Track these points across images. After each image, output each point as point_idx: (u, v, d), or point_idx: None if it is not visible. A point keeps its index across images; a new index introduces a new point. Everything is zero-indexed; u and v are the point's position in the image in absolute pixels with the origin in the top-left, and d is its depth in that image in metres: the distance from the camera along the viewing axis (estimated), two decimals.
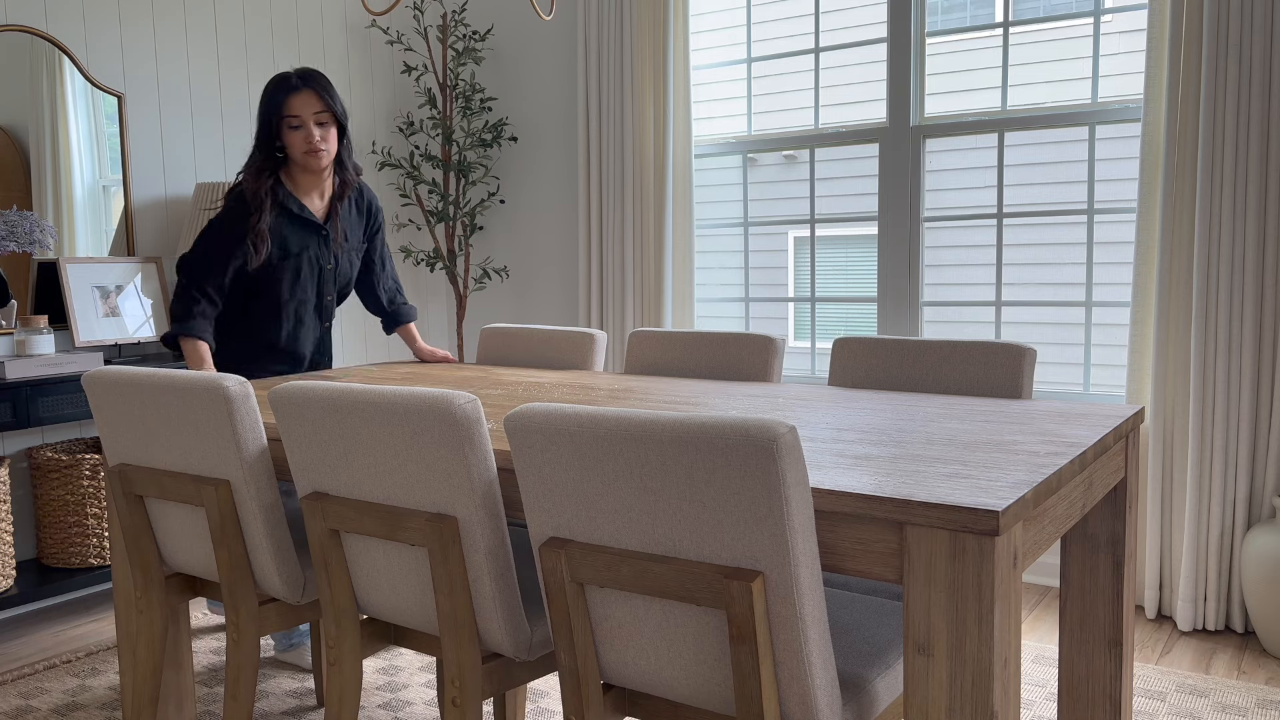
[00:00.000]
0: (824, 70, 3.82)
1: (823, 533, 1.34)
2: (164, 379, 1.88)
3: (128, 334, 3.44)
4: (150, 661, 2.06)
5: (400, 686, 2.65)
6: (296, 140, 2.56)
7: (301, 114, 2.55)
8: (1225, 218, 2.82)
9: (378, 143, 4.40)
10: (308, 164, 2.59)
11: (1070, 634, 1.95)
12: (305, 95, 2.55)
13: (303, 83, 2.56)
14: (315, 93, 2.55)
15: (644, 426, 1.29)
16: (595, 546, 1.38)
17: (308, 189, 2.67)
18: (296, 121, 2.55)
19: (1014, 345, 2.18)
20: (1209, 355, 2.86)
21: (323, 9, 4.15)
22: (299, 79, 2.57)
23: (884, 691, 1.46)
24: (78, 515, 3.15)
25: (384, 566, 1.67)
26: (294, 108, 2.55)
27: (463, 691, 1.59)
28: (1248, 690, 2.53)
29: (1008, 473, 1.38)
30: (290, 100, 2.55)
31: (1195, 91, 2.87)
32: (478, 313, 4.66)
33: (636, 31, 3.84)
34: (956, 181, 3.67)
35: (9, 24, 3.21)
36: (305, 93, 2.55)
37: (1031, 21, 3.47)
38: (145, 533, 2.05)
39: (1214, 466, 2.86)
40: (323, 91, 2.57)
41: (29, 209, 3.27)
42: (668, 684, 1.39)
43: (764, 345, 2.48)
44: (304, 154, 2.57)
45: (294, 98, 2.55)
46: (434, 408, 1.50)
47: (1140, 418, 1.88)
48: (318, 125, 2.57)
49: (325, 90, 2.58)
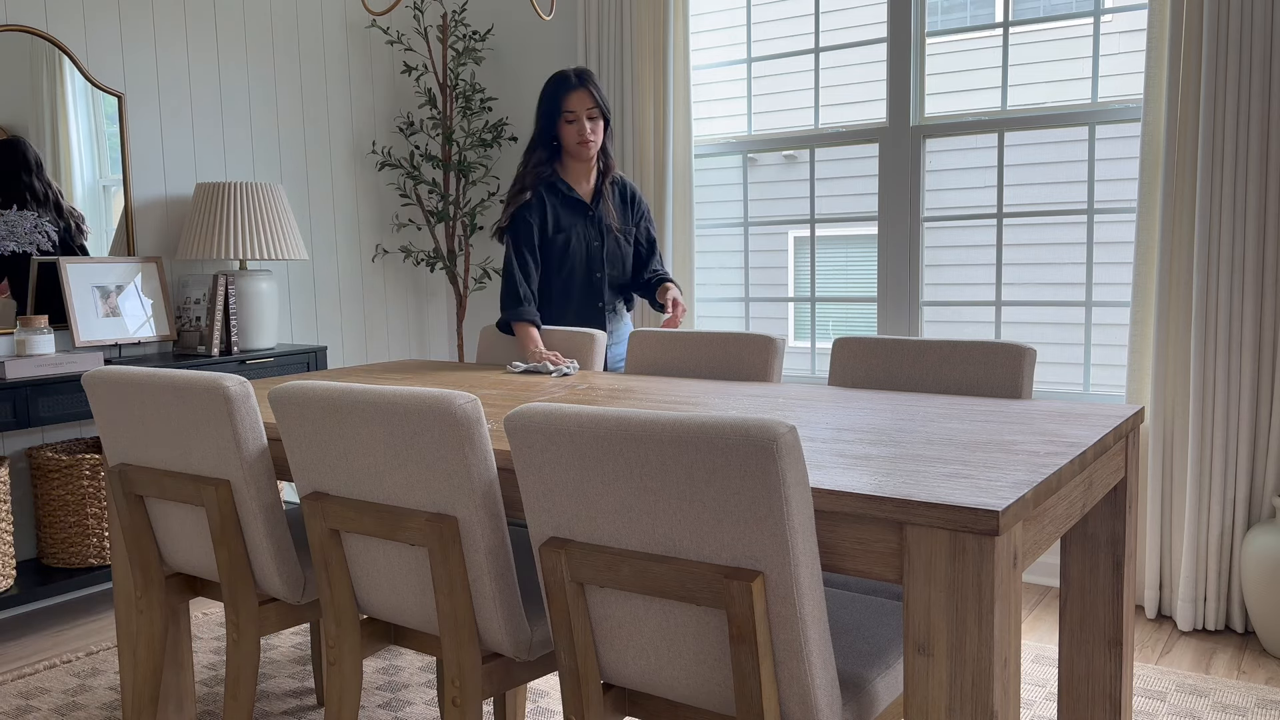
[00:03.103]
0: (824, 70, 3.82)
1: (823, 533, 1.34)
2: (164, 379, 1.88)
3: (128, 334, 3.44)
4: (150, 661, 2.06)
5: (400, 686, 2.65)
6: (571, 133, 2.90)
7: (576, 110, 2.88)
8: (1225, 218, 2.82)
9: (378, 143, 4.40)
10: (579, 154, 2.92)
11: (1070, 634, 1.95)
12: (580, 93, 2.87)
13: (579, 82, 2.88)
14: (589, 91, 2.88)
15: (644, 426, 1.29)
16: (595, 546, 1.38)
17: (577, 176, 3.00)
18: (572, 116, 2.88)
19: (1014, 345, 2.18)
20: (1209, 355, 2.86)
21: (323, 9, 4.15)
22: (576, 78, 2.88)
23: (884, 691, 1.46)
24: (78, 515, 3.15)
25: (384, 566, 1.67)
26: (571, 104, 2.88)
27: (463, 691, 1.59)
28: (1248, 690, 2.53)
29: (1008, 473, 1.38)
30: (568, 97, 2.88)
31: (1195, 91, 2.87)
32: (478, 313, 4.66)
33: (636, 32, 3.84)
34: (956, 181, 3.67)
35: (9, 24, 3.21)
36: (581, 91, 2.87)
37: (1031, 21, 3.47)
38: (145, 533, 2.05)
39: (1214, 466, 2.86)
40: (595, 90, 2.89)
41: (29, 209, 3.27)
42: (668, 684, 1.39)
43: (764, 345, 2.48)
44: (576, 144, 2.90)
45: (571, 95, 2.87)
46: (434, 408, 1.50)
47: (1140, 418, 1.88)
48: (589, 120, 2.89)
49: (596, 88, 2.90)
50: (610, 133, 2.99)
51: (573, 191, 2.97)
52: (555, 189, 2.96)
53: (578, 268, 2.98)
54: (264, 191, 3.56)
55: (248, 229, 3.49)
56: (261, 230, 3.53)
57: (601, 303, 3.01)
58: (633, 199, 3.09)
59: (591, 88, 2.88)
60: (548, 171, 2.95)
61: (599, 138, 2.93)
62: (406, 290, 4.57)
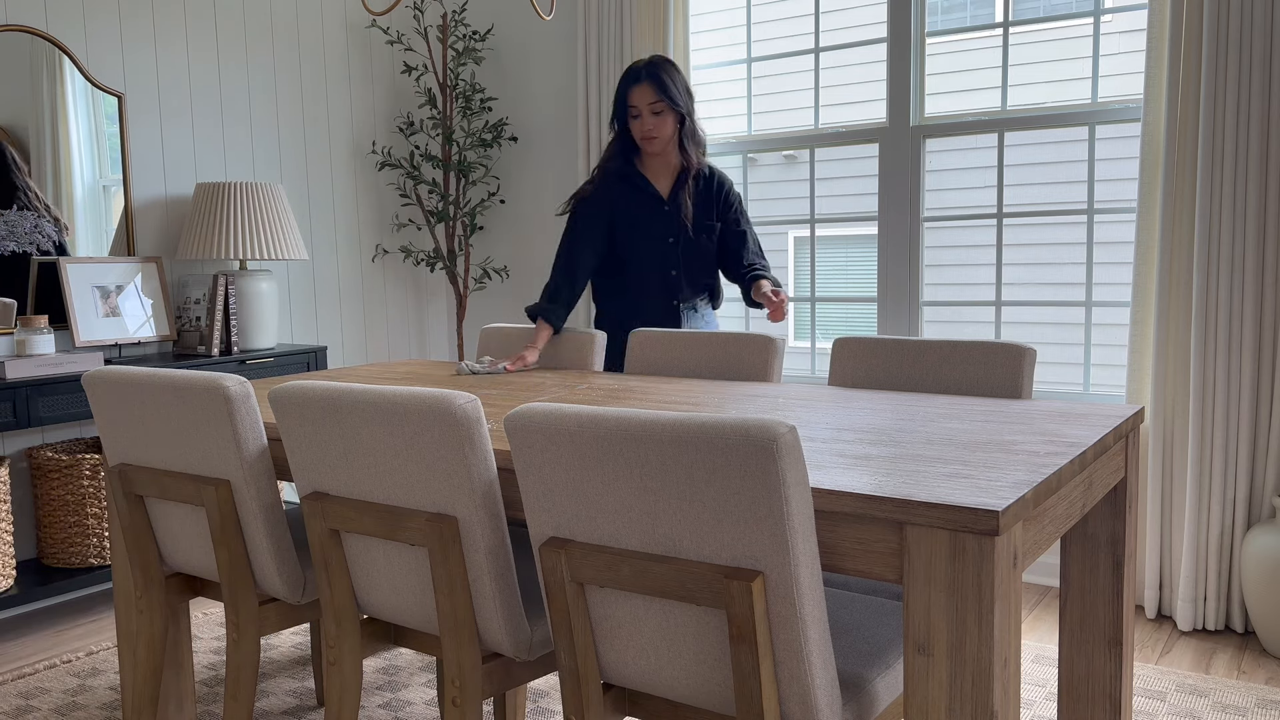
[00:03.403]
0: (824, 70, 3.82)
1: (823, 533, 1.34)
2: (164, 379, 1.88)
3: (128, 334, 3.44)
4: (150, 661, 2.06)
5: (400, 686, 2.65)
6: (635, 127, 2.84)
7: (638, 104, 2.80)
8: (1225, 218, 2.82)
9: (378, 143, 4.40)
10: (644, 148, 2.86)
11: (1070, 634, 1.95)
12: (642, 87, 2.78)
13: (643, 75, 2.79)
14: (651, 84, 2.77)
15: (644, 426, 1.29)
16: (595, 546, 1.38)
17: (655, 170, 2.93)
18: (635, 111, 2.82)
19: (1014, 345, 2.18)
20: (1209, 355, 2.86)
21: (323, 9, 4.15)
22: (643, 71, 2.79)
23: (884, 691, 1.46)
24: (78, 515, 3.15)
25: (384, 566, 1.67)
26: (633, 98, 2.81)
27: (463, 691, 1.59)
28: (1248, 690, 2.53)
29: (1008, 473, 1.38)
30: (631, 91, 2.81)
31: (1195, 91, 2.87)
32: (478, 313, 4.66)
33: (636, 32, 3.84)
34: (956, 181, 3.66)
35: (9, 24, 3.21)
36: (643, 85, 2.78)
37: (1031, 21, 3.47)
38: (145, 533, 2.05)
39: (1214, 466, 2.86)
40: (660, 83, 2.78)
41: (29, 209, 3.27)
42: (668, 684, 1.39)
43: (764, 345, 2.48)
44: (640, 139, 2.84)
45: (634, 89, 2.80)
46: (434, 408, 1.50)
47: (1140, 418, 1.88)
48: (653, 114, 2.79)
49: (661, 82, 2.78)
50: (689, 128, 2.87)
51: (649, 186, 2.90)
52: (631, 182, 2.90)
53: (651, 264, 2.91)
54: (264, 191, 3.56)
55: (248, 229, 3.49)
56: (261, 230, 3.52)
57: (677, 300, 2.93)
58: (720, 191, 2.95)
59: (657, 81, 2.77)
60: (617, 165, 2.89)
61: (664, 133, 2.82)
62: (406, 290, 4.57)
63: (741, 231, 2.96)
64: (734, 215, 2.96)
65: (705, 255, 2.94)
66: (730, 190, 2.96)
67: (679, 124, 2.85)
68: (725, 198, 2.95)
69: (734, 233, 2.95)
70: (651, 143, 2.83)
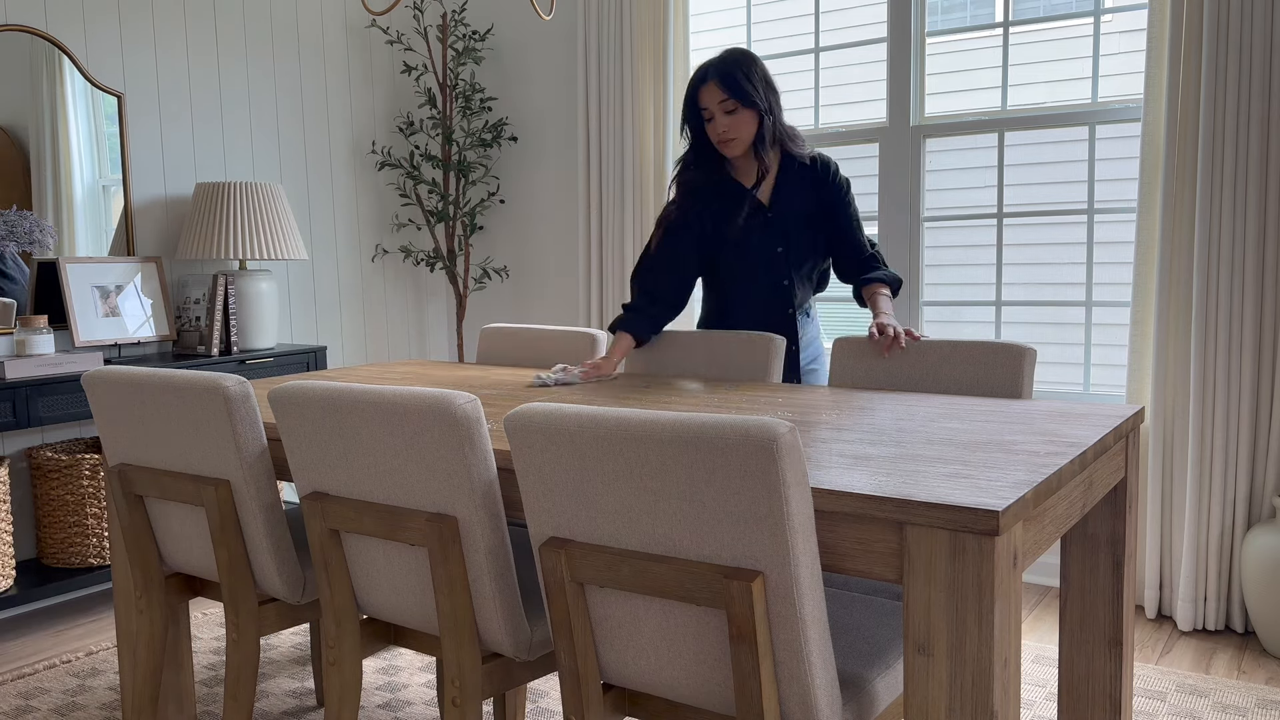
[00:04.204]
0: (824, 70, 3.82)
1: (823, 533, 1.34)
2: (164, 379, 1.88)
3: (128, 334, 3.44)
4: (150, 661, 2.06)
5: (400, 686, 2.65)
6: (711, 131, 2.53)
7: (709, 105, 2.51)
8: (1225, 218, 2.82)
9: (378, 143, 4.40)
10: (724, 153, 2.56)
11: (1070, 634, 1.95)
12: (709, 87, 2.49)
13: (710, 73, 2.50)
14: (717, 83, 2.48)
15: (644, 426, 1.29)
16: (595, 546, 1.38)
17: (745, 174, 2.62)
18: (707, 114, 2.52)
19: (1014, 345, 2.18)
20: (1209, 355, 2.86)
21: (323, 9, 4.15)
22: (708, 69, 2.50)
23: (884, 691, 1.46)
24: (78, 515, 3.15)
25: (384, 566, 1.67)
26: (703, 100, 2.52)
27: (463, 691, 1.59)
28: (1248, 690, 2.53)
29: (1008, 473, 1.38)
30: (700, 94, 2.52)
31: (1195, 91, 2.87)
32: (478, 313, 4.66)
33: (636, 31, 3.84)
34: (956, 181, 3.66)
35: (9, 24, 3.21)
36: (710, 85, 2.49)
37: (1031, 21, 3.47)
38: (145, 533, 2.04)
39: (1214, 466, 2.86)
40: (729, 79, 2.47)
41: (29, 209, 3.27)
42: (668, 684, 1.39)
43: (764, 345, 2.48)
44: (717, 144, 2.54)
45: (702, 90, 2.51)
46: (434, 408, 1.50)
47: (1140, 418, 1.88)
48: (726, 114, 2.49)
49: (729, 78, 2.47)
50: (771, 124, 2.52)
51: (746, 192, 2.57)
52: (722, 191, 2.59)
53: (761, 278, 2.60)
54: (264, 191, 3.56)
55: (247, 229, 3.49)
56: (261, 230, 3.52)
57: (791, 309, 2.62)
58: (821, 178, 2.60)
59: (722, 79, 2.47)
60: (699, 176, 2.59)
61: (742, 133, 2.50)
62: (406, 290, 4.57)
63: (849, 223, 2.60)
64: (841, 206, 2.60)
65: (816, 253, 2.64)
66: (835, 176, 2.62)
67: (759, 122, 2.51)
68: (829, 184, 2.60)
69: (841, 226, 2.60)
70: (729, 145, 2.52)
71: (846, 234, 2.60)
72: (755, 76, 2.50)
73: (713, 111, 2.50)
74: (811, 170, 2.60)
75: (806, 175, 2.60)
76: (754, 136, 2.52)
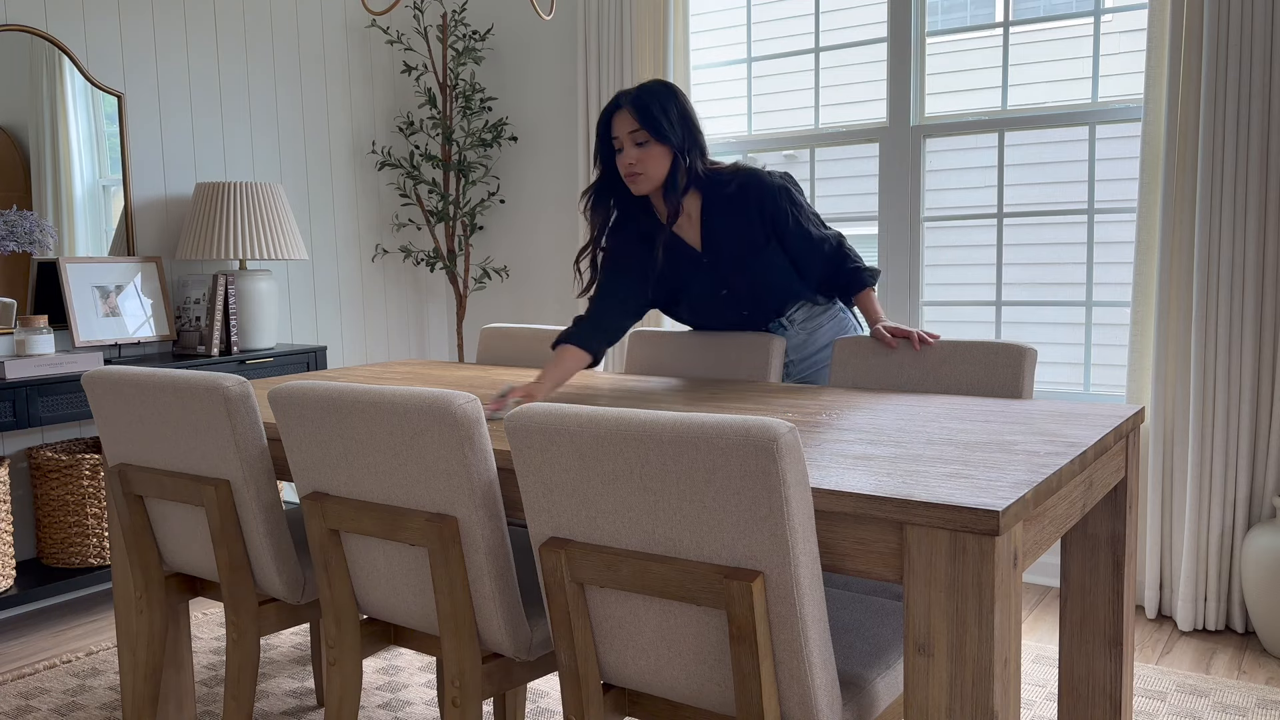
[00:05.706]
0: (824, 70, 3.82)
1: (823, 533, 1.34)
2: (164, 379, 1.88)
3: (128, 334, 3.44)
4: (150, 661, 2.06)
5: (400, 686, 2.65)
6: (620, 163, 2.23)
7: (619, 134, 2.22)
8: (1225, 218, 2.82)
9: (378, 142, 4.40)
10: (629, 187, 2.26)
11: (1070, 634, 1.95)
12: (622, 114, 2.22)
13: (624, 100, 2.23)
14: (631, 110, 2.20)
15: (644, 426, 1.29)
16: (595, 546, 1.38)
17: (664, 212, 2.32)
18: (618, 144, 2.24)
19: (1014, 345, 2.18)
20: (1209, 355, 2.86)
21: (323, 9, 4.15)
22: (623, 96, 2.23)
23: (884, 691, 1.46)
24: (78, 515, 3.15)
25: (384, 566, 1.67)
26: (615, 128, 2.24)
27: (463, 691, 1.59)
28: (1248, 690, 2.53)
29: (1008, 473, 1.38)
30: (612, 121, 2.25)
31: (1195, 91, 2.87)
32: (478, 313, 4.66)
33: (636, 31, 3.84)
34: (956, 181, 3.66)
35: (9, 24, 3.21)
36: (623, 112, 2.22)
37: (1031, 21, 3.47)
38: (145, 533, 2.04)
39: (1214, 466, 2.86)
40: (640, 109, 2.19)
41: (29, 209, 3.27)
42: (668, 684, 1.39)
43: (764, 345, 2.48)
44: (625, 177, 2.24)
45: (615, 117, 2.24)
46: (434, 408, 1.50)
47: (1140, 418, 1.88)
48: (636, 145, 2.20)
49: (644, 109, 2.19)
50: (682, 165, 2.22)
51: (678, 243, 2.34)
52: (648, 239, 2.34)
53: (714, 317, 2.48)
54: (264, 191, 3.56)
55: (247, 229, 3.49)
56: (261, 230, 3.52)
57: (769, 326, 2.48)
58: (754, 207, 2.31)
59: (639, 106, 2.19)
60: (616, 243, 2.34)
61: (650, 169, 2.21)
62: (406, 290, 4.57)
63: (802, 235, 2.34)
64: (785, 218, 2.32)
65: (777, 275, 2.36)
66: (768, 201, 2.31)
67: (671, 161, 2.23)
68: (761, 212, 2.31)
69: (791, 245, 2.34)
70: (636, 181, 2.22)
71: (803, 244, 2.35)
72: (672, 111, 2.22)
73: (623, 141, 2.22)
74: (742, 198, 2.32)
75: (736, 206, 2.32)
76: (665, 176, 2.23)
